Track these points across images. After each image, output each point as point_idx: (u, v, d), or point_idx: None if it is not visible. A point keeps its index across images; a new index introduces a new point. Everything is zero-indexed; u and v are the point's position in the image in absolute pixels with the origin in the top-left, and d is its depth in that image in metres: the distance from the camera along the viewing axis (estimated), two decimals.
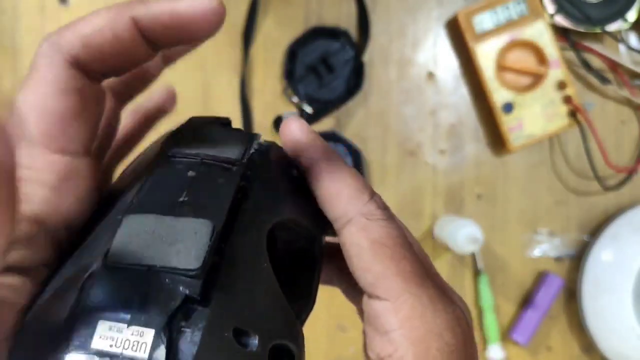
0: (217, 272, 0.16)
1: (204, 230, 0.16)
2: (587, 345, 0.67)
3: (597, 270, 0.64)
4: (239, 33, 0.64)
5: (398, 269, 0.19)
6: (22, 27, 0.63)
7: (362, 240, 0.20)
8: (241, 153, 0.19)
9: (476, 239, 0.59)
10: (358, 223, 0.20)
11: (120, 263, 0.16)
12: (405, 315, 0.19)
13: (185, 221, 0.16)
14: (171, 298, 0.15)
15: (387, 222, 0.21)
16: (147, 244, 0.16)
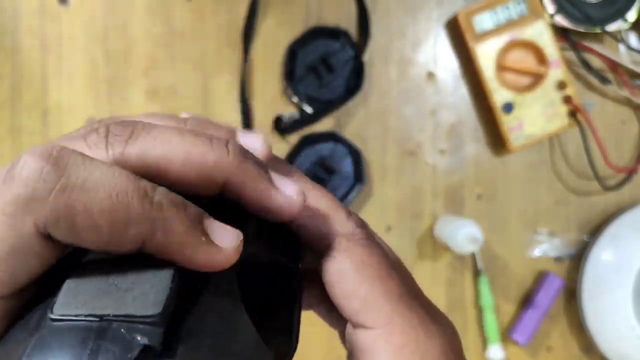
0: (183, 318, 0.14)
1: (165, 275, 0.14)
2: (587, 345, 0.67)
3: (597, 270, 0.64)
4: (239, 33, 0.64)
5: (385, 290, 0.18)
6: (22, 27, 0.63)
7: (345, 264, 0.18)
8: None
9: (476, 239, 0.59)
10: (339, 246, 0.19)
11: (68, 315, 0.13)
12: (398, 343, 0.17)
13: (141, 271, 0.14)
14: (127, 350, 0.13)
15: (368, 241, 0.19)
16: (100, 293, 0.14)
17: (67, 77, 0.64)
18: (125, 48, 0.64)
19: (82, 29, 0.64)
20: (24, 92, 0.64)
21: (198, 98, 0.65)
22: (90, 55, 0.64)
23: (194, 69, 0.64)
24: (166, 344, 0.13)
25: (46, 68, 0.64)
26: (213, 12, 0.64)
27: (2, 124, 0.63)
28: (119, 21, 0.64)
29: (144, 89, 0.64)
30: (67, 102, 0.64)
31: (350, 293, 0.18)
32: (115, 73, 0.64)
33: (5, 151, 0.64)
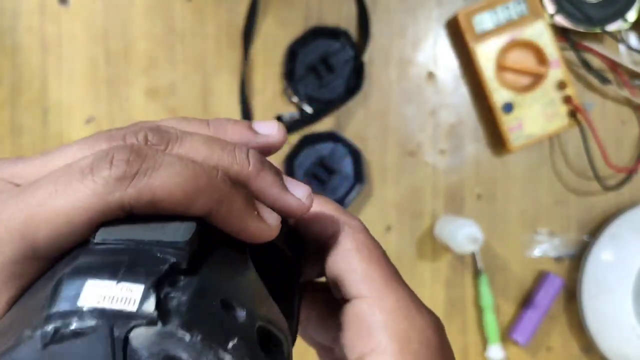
0: (204, 253, 0.16)
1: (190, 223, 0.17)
2: (587, 345, 0.67)
3: (597, 270, 0.64)
4: (239, 33, 0.64)
5: (382, 269, 0.21)
6: (22, 27, 0.63)
7: (349, 244, 0.22)
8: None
9: (476, 239, 0.59)
10: (345, 232, 0.22)
11: (109, 240, 0.16)
12: (390, 307, 0.20)
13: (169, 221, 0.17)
14: (159, 263, 0.15)
15: (368, 233, 0.23)
16: (135, 228, 0.16)
17: (67, 77, 0.64)
18: (125, 48, 0.64)
19: (82, 29, 0.64)
20: (24, 91, 0.64)
21: (198, 98, 0.64)
22: (90, 55, 0.64)
23: (194, 68, 0.64)
24: (191, 265, 0.16)
25: (46, 68, 0.64)
26: (213, 12, 0.64)
27: (2, 124, 0.63)
28: (119, 21, 0.64)
29: (144, 88, 0.64)
30: (67, 102, 0.64)
31: (353, 267, 0.21)
32: (115, 73, 0.64)
33: (5, 151, 0.64)
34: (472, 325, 0.67)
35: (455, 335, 0.67)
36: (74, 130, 0.64)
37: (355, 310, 0.20)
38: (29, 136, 0.64)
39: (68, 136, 0.64)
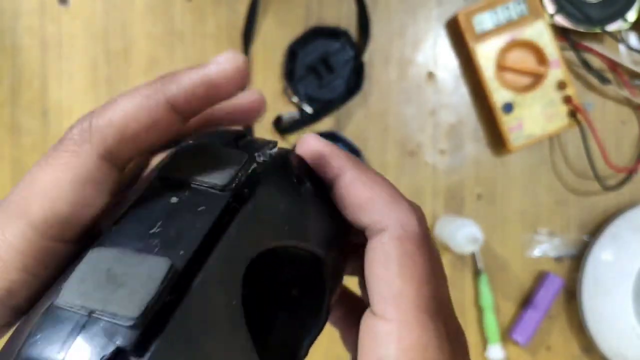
0: (167, 316, 0.15)
1: (158, 271, 0.15)
2: (587, 345, 0.67)
3: (597, 270, 0.64)
4: (239, 33, 0.64)
5: (418, 292, 0.18)
6: (22, 27, 0.63)
7: (392, 249, 0.19)
8: (231, 176, 0.18)
9: (476, 239, 0.59)
10: (393, 231, 0.19)
11: (67, 304, 0.15)
12: (408, 345, 0.18)
13: (143, 259, 0.16)
14: (103, 349, 0.14)
15: (422, 239, 0.19)
16: (100, 284, 0.15)
17: (67, 77, 0.64)
18: (125, 48, 0.64)
19: (82, 29, 0.64)
20: (24, 91, 0.64)
21: None
22: (90, 55, 0.64)
23: None
24: (140, 345, 0.15)
25: (46, 68, 0.64)
26: (213, 12, 0.64)
27: (2, 124, 0.63)
28: (119, 21, 0.64)
29: None
30: (67, 102, 0.64)
31: (386, 279, 0.18)
32: (115, 73, 0.64)
33: (5, 151, 0.64)
34: (472, 325, 0.67)
35: None
36: None
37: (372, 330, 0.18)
38: (29, 136, 0.64)
39: None
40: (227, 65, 0.19)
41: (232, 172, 0.18)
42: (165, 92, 0.18)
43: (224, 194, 0.18)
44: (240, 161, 0.19)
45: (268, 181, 0.19)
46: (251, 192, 0.18)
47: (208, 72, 0.19)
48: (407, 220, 0.19)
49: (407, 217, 0.19)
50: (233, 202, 0.18)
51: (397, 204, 0.19)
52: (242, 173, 0.18)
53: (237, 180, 0.18)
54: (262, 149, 0.20)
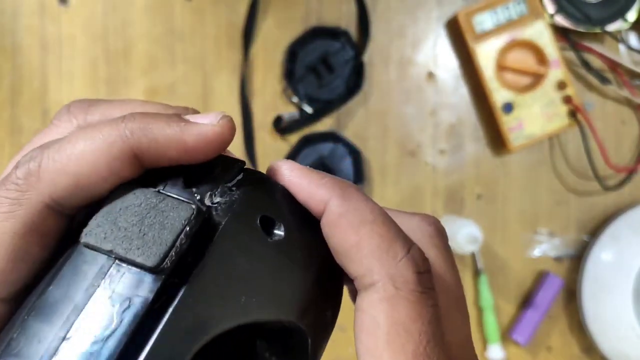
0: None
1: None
2: (587, 345, 0.67)
3: (597, 270, 0.64)
4: (239, 33, 0.64)
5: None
6: (22, 27, 0.63)
7: (381, 316, 0.15)
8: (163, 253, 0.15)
9: (476, 239, 0.59)
10: (383, 290, 0.15)
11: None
12: None
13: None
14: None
15: (420, 296, 0.15)
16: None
17: (67, 77, 0.64)
18: (125, 48, 0.64)
19: (82, 29, 0.64)
20: (24, 91, 0.64)
21: (198, 98, 0.64)
22: (90, 55, 0.64)
23: (194, 69, 0.64)
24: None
25: (46, 68, 0.64)
26: (213, 12, 0.64)
27: (2, 124, 0.63)
28: (119, 21, 0.64)
29: (144, 88, 0.64)
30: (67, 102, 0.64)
31: (373, 352, 0.15)
32: (115, 73, 0.64)
33: (5, 151, 0.64)
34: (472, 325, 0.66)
35: None
36: None
37: None
38: (29, 136, 0.64)
39: None
40: (209, 132, 0.16)
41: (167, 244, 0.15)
42: (132, 143, 0.15)
43: (155, 277, 0.15)
44: (181, 225, 0.15)
45: (223, 237, 0.16)
46: (198, 258, 0.15)
47: (187, 135, 0.16)
48: (400, 272, 0.15)
49: (401, 271, 0.15)
50: (171, 278, 0.15)
51: (389, 251, 0.16)
52: (183, 241, 0.15)
53: (172, 257, 0.15)
54: (220, 182, 0.16)
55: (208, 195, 0.16)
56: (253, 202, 0.17)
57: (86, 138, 0.15)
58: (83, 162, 0.15)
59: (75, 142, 0.15)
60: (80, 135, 0.16)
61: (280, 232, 0.17)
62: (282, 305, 0.16)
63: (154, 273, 0.15)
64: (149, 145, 0.16)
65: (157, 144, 0.16)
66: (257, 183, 0.17)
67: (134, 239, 0.15)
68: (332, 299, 0.18)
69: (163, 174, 0.17)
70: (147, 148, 0.16)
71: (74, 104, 0.19)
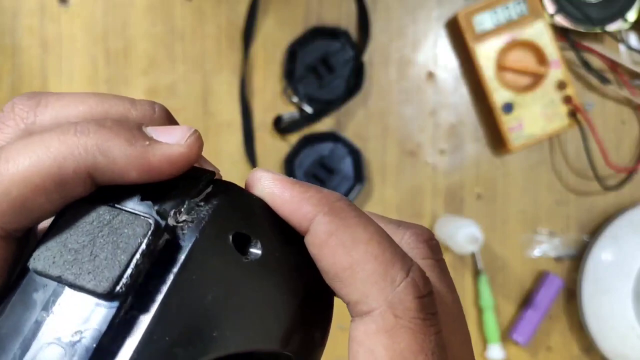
0: None
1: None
2: (587, 345, 0.67)
3: (597, 270, 0.64)
4: (239, 33, 0.64)
5: None
6: (22, 27, 0.63)
7: (379, 348, 0.14)
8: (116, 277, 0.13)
9: (476, 239, 0.59)
10: (380, 320, 0.14)
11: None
12: None
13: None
14: None
15: (423, 323, 0.14)
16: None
17: (67, 77, 0.64)
18: (125, 48, 0.64)
19: (82, 29, 0.64)
20: (23, 91, 0.63)
21: (198, 98, 0.64)
22: (90, 55, 0.64)
23: (194, 68, 0.64)
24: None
25: (46, 68, 0.64)
26: (213, 12, 0.64)
27: None
28: (119, 21, 0.64)
29: (144, 88, 0.64)
30: None
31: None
32: (115, 73, 0.64)
33: None
34: (472, 325, 0.67)
35: None
36: None
37: None
38: None
39: None
40: (174, 153, 0.14)
41: (120, 266, 0.13)
42: (87, 163, 0.14)
43: (109, 303, 0.13)
44: (136, 238, 0.13)
45: (190, 259, 0.14)
46: (161, 284, 0.13)
47: (150, 157, 0.14)
48: (400, 298, 0.14)
49: (400, 294, 0.14)
50: (128, 307, 0.13)
51: (386, 275, 0.14)
52: (139, 261, 0.13)
53: (127, 280, 0.13)
54: (186, 197, 0.14)
55: (172, 213, 0.14)
56: (224, 218, 0.15)
57: (31, 154, 0.13)
58: (28, 184, 0.13)
59: (18, 160, 0.13)
60: (23, 151, 0.13)
61: (257, 250, 0.15)
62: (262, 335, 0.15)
63: (107, 300, 0.13)
64: (107, 166, 0.14)
65: (116, 165, 0.14)
66: (229, 196, 0.15)
67: (85, 262, 0.13)
68: (321, 320, 0.17)
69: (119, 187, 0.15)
70: (104, 169, 0.14)
71: (19, 101, 0.16)
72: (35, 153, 0.13)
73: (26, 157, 0.13)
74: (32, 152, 0.13)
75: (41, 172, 0.13)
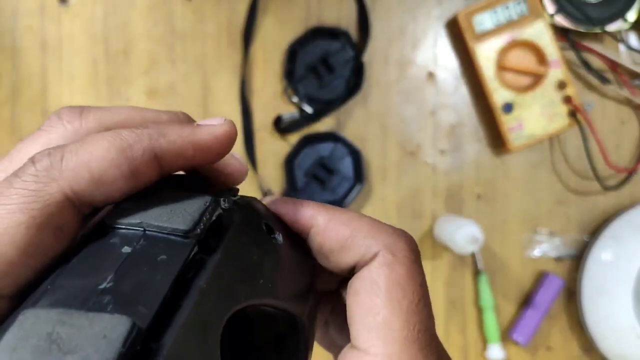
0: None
1: (118, 331, 0.12)
2: (587, 345, 0.67)
3: (597, 270, 0.64)
4: (239, 33, 0.64)
5: (407, 323, 0.16)
6: (22, 27, 0.63)
7: (381, 276, 0.17)
8: (194, 220, 0.16)
9: (476, 239, 0.59)
10: (382, 258, 0.17)
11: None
12: None
13: (95, 318, 0.12)
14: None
15: (413, 263, 0.18)
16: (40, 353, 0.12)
17: (67, 77, 0.64)
18: (125, 48, 0.64)
19: (82, 29, 0.64)
20: (24, 91, 0.64)
21: (198, 98, 0.65)
22: (90, 55, 0.64)
23: (194, 68, 0.64)
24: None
25: (46, 68, 0.64)
26: (213, 12, 0.64)
27: (2, 124, 0.63)
28: (119, 21, 0.64)
29: (144, 88, 0.64)
30: (67, 102, 0.64)
31: (372, 309, 0.17)
32: (115, 73, 0.64)
33: (5, 151, 0.63)
34: (472, 325, 0.67)
35: (455, 335, 0.67)
36: None
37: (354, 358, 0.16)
38: None
39: None
40: (219, 131, 0.18)
41: (195, 215, 0.16)
42: (153, 144, 0.16)
43: (187, 241, 0.15)
44: (203, 204, 0.16)
45: (236, 230, 0.17)
46: (218, 241, 0.16)
47: (200, 135, 0.17)
48: (395, 244, 0.18)
49: (395, 241, 0.18)
50: (198, 252, 0.15)
51: (382, 231, 0.18)
52: (207, 217, 0.16)
53: (202, 225, 0.16)
54: (224, 195, 0.18)
55: (222, 200, 0.17)
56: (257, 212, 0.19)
57: (108, 138, 0.16)
58: (106, 159, 0.16)
59: (97, 141, 0.16)
60: (100, 136, 0.16)
61: (280, 238, 0.19)
62: (289, 295, 0.18)
63: (186, 238, 0.15)
64: (168, 147, 0.17)
65: (175, 145, 0.17)
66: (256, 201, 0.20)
67: (162, 214, 0.16)
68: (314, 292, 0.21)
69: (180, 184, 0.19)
70: (167, 149, 0.17)
71: (64, 111, 0.18)
72: (110, 137, 0.16)
73: (103, 139, 0.16)
74: (108, 136, 0.16)
75: (117, 150, 0.16)
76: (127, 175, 0.16)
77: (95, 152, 0.16)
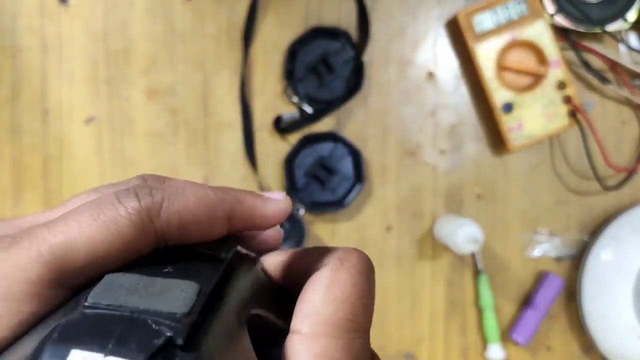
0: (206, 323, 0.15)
1: (192, 288, 0.15)
2: (587, 345, 0.67)
3: (597, 270, 0.64)
4: (239, 33, 0.64)
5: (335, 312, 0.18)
6: (22, 27, 0.63)
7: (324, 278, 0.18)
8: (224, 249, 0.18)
9: (476, 238, 0.59)
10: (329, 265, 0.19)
11: (100, 304, 0.14)
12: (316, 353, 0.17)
13: (171, 280, 0.16)
14: (153, 337, 0.14)
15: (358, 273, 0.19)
16: (132, 293, 0.15)
17: (67, 77, 0.64)
18: (125, 48, 0.64)
19: (82, 29, 0.64)
20: (24, 92, 0.64)
21: (198, 98, 0.65)
22: (90, 55, 0.64)
23: (194, 68, 0.64)
24: (189, 339, 0.14)
25: (46, 68, 0.64)
26: (213, 12, 0.64)
27: (2, 124, 0.63)
28: (119, 21, 0.64)
29: (144, 88, 0.64)
30: (67, 102, 0.64)
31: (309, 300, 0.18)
32: (115, 73, 0.64)
33: (5, 151, 0.64)
34: (472, 325, 0.67)
35: (455, 335, 0.67)
36: (74, 131, 0.64)
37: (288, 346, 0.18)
38: (29, 137, 0.64)
39: (68, 136, 0.64)
40: (281, 207, 0.20)
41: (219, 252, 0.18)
42: (232, 205, 0.19)
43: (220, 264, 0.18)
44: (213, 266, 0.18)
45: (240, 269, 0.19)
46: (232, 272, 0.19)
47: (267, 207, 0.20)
48: (345, 256, 0.19)
49: (346, 254, 0.19)
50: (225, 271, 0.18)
51: (337, 249, 0.20)
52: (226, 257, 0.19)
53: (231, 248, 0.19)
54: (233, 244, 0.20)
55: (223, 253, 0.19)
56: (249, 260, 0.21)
57: (198, 192, 0.18)
58: (194, 210, 0.18)
59: (190, 192, 0.18)
60: (191, 187, 0.18)
61: None
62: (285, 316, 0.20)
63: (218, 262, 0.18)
64: (242, 211, 0.19)
65: (247, 211, 0.19)
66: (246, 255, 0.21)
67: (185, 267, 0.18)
68: None
69: None
70: (240, 212, 0.19)
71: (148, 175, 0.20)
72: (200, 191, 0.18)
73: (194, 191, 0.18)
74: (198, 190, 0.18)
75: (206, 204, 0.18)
76: (206, 227, 0.18)
77: (190, 201, 0.18)
